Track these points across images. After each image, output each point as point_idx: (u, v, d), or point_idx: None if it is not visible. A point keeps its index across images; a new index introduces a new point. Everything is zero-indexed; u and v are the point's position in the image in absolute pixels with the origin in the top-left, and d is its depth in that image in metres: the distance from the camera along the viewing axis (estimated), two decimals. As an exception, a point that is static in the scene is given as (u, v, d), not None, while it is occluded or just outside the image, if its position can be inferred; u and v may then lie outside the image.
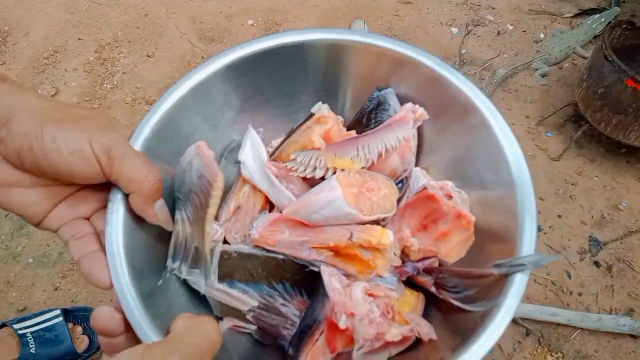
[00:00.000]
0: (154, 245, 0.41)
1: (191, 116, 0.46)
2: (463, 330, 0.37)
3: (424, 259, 0.44)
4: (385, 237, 0.42)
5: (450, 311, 0.41)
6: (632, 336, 1.11)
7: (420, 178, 0.47)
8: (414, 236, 0.45)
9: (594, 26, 1.83)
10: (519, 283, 0.36)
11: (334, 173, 0.44)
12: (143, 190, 0.36)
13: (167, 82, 1.62)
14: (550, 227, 1.31)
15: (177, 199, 0.43)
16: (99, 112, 0.37)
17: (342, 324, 0.38)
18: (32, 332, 0.99)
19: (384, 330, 0.38)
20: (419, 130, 0.49)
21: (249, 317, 0.43)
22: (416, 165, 0.50)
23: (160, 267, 0.42)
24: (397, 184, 0.48)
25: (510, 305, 0.36)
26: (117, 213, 0.37)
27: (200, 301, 0.45)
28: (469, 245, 0.44)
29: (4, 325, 1.00)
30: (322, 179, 0.45)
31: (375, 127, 0.48)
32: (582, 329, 1.12)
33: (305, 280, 0.44)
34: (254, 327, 0.44)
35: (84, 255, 0.36)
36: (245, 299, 0.43)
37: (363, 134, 0.47)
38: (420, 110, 0.47)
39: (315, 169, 0.44)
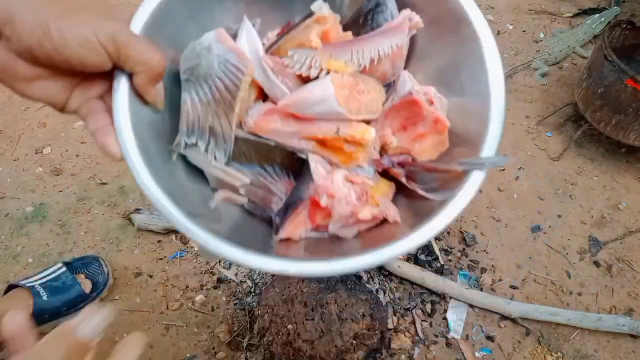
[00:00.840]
0: (158, 122, 0.45)
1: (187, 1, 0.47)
2: (424, 214, 0.43)
3: (399, 154, 0.50)
4: (369, 133, 0.46)
5: (415, 199, 0.48)
6: (632, 336, 1.11)
7: (407, 82, 0.50)
8: (394, 135, 0.50)
9: (594, 26, 1.83)
10: (475, 179, 0.43)
11: (328, 73, 0.46)
12: (150, 71, 0.39)
13: (167, 82, 1.62)
14: (550, 227, 1.31)
15: (187, 81, 0.45)
16: (96, 0, 0.39)
17: (323, 202, 0.45)
18: (40, 284, 1.04)
19: (357, 210, 0.45)
20: (412, 36, 0.51)
21: (241, 191, 0.48)
22: (405, 68, 0.52)
23: (163, 143, 0.46)
24: (384, 87, 0.51)
25: (466, 195, 0.42)
26: (122, 91, 0.40)
27: (199, 175, 0.49)
28: (442, 150, 0.49)
29: (12, 287, 1.04)
30: (317, 78, 0.47)
31: (371, 28, 0.50)
32: (582, 329, 1.11)
33: (293, 165, 0.50)
34: (245, 200, 0.49)
35: (98, 129, 0.40)
36: (239, 176, 0.48)
37: (359, 38, 0.49)
38: (417, 19, 0.49)
39: (310, 68, 0.46)
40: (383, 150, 0.51)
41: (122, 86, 0.40)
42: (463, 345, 1.08)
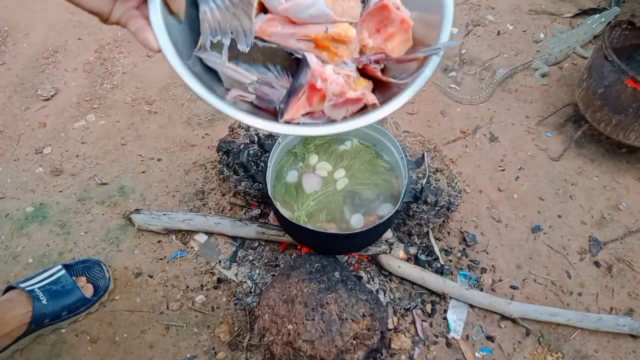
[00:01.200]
0: (181, 32, 0.56)
1: None
2: (392, 97, 0.56)
3: (375, 54, 0.61)
4: (350, 30, 0.58)
5: (387, 90, 0.59)
6: (632, 336, 1.11)
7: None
8: (370, 37, 0.61)
9: (594, 26, 1.83)
10: (434, 61, 0.56)
11: None
12: None
13: (167, 82, 1.62)
14: (550, 227, 1.31)
15: None
16: None
17: (319, 84, 0.56)
18: (39, 287, 1.03)
19: (345, 90, 0.57)
20: None
21: (250, 89, 0.59)
22: None
23: (186, 50, 0.56)
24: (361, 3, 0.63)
25: (426, 74, 0.55)
26: (155, 1, 0.52)
27: (214, 75, 0.60)
28: (408, 46, 0.62)
29: (10, 288, 1.03)
30: None
31: None
32: (582, 329, 1.12)
33: (291, 66, 0.61)
34: (253, 96, 0.60)
35: (138, 28, 0.52)
36: (248, 74, 0.59)
37: None
38: None
39: None
40: (361, 52, 0.62)
41: None
42: (463, 345, 1.08)
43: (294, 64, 0.60)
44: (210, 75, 0.59)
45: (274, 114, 0.60)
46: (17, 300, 1.00)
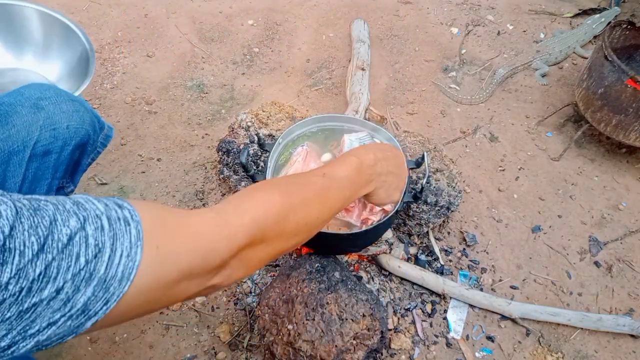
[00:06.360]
0: None
1: None
2: None
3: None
4: None
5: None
6: (632, 336, 1.11)
7: None
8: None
9: (594, 26, 1.83)
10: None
11: None
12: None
13: (167, 82, 1.62)
14: (550, 227, 1.31)
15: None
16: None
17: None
18: None
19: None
20: None
21: None
22: None
23: None
24: None
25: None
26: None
27: None
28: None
29: None
30: None
31: None
32: (582, 329, 1.12)
33: None
34: None
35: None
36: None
37: None
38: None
39: None
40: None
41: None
42: (463, 345, 1.08)
43: None
44: None
45: None
46: None
